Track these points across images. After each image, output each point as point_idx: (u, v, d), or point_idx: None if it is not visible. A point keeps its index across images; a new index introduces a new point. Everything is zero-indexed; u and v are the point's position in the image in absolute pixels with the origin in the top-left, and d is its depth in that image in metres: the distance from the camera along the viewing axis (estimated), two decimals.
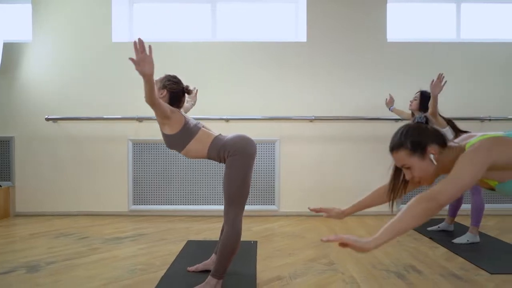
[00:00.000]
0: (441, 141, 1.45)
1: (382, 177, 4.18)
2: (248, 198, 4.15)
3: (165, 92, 2.24)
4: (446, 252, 2.92)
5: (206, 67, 4.25)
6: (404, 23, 4.55)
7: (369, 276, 2.41)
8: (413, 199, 1.29)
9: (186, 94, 2.32)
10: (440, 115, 3.25)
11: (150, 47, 1.86)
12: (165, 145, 2.26)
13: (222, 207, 4.12)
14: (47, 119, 4.11)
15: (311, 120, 4.18)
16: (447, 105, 4.25)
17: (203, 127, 2.26)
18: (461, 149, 1.42)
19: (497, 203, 4.27)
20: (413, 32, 4.54)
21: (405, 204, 3.39)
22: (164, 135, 2.21)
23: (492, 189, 1.49)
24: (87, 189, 4.23)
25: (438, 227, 3.60)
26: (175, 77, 2.29)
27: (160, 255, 2.86)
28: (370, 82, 4.26)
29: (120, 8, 4.40)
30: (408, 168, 1.46)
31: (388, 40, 4.29)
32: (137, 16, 4.56)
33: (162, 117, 2.11)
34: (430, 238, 3.32)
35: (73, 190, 4.23)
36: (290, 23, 4.54)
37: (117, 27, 4.34)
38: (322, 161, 4.23)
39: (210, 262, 2.49)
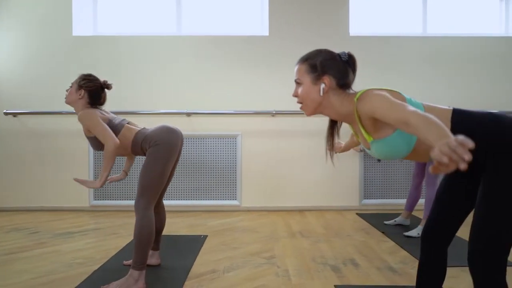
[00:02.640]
0: (341, 82, 1.39)
1: (344, 170, 4.20)
2: (210, 193, 4.16)
3: (82, 92, 2.21)
4: (393, 246, 2.91)
5: (170, 61, 4.22)
6: (369, 18, 4.52)
7: (304, 269, 2.39)
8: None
9: (106, 89, 2.30)
10: None
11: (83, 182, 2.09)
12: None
13: (181, 202, 4.12)
14: (6, 113, 4.08)
15: (272, 115, 4.16)
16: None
17: (128, 123, 2.24)
18: (351, 99, 1.37)
19: None
20: (379, 26, 4.51)
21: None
22: (88, 138, 2.20)
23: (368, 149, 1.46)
24: (49, 184, 4.20)
25: (395, 221, 3.59)
26: (90, 75, 2.26)
27: (105, 249, 2.84)
28: None
29: (83, 1, 4.36)
30: (299, 84, 1.42)
31: (351, 34, 4.26)
32: (101, 9, 4.52)
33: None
34: (382, 232, 3.31)
35: (35, 185, 4.20)
36: (256, 17, 4.51)
37: (79, 21, 4.30)
38: (285, 156, 4.21)
39: None
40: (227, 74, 4.22)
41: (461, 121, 1.29)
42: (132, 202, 4.15)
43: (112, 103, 4.19)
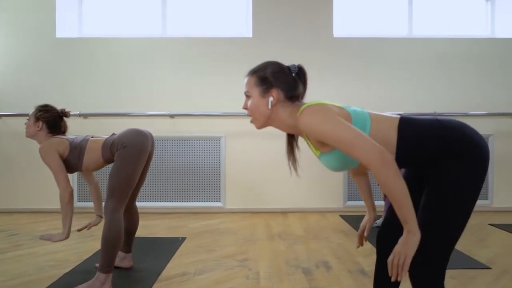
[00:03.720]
0: (290, 94, 1.36)
1: (328, 171, 4.19)
2: (193, 195, 4.16)
3: (40, 123, 2.20)
4: (369, 248, 2.90)
5: (154, 63, 4.22)
6: (354, 20, 4.52)
7: (275, 272, 2.38)
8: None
9: (64, 117, 2.29)
10: None
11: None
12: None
13: (164, 204, 4.12)
14: None
15: None
16: (392, 100, 4.24)
17: (91, 137, 2.23)
18: (295, 112, 1.34)
19: None
20: (364, 28, 4.51)
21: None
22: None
23: None
24: (33, 186, 4.20)
25: (376, 223, 3.58)
26: (45, 105, 2.26)
27: (80, 251, 2.84)
28: (316, 77, 4.23)
29: (67, 3, 4.36)
30: (248, 97, 1.40)
31: (335, 36, 4.26)
32: (87, 11, 4.51)
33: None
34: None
35: (19, 187, 4.20)
36: (240, 18, 4.50)
37: (64, 23, 4.30)
38: (268, 157, 4.20)
39: (117, 259, 2.46)
40: (211, 76, 4.21)
41: (408, 128, 1.27)
42: None
43: (96, 104, 4.19)
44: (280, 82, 1.35)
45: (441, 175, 1.24)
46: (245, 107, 1.40)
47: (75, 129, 4.18)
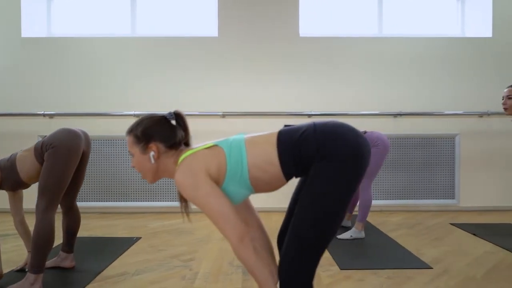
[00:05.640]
0: (169, 143, 1.38)
1: None
2: (158, 195, 4.15)
3: None
4: None
5: (121, 62, 4.21)
6: (323, 19, 4.51)
7: (214, 273, 2.38)
8: None
9: None
10: None
11: None
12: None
13: (125, 204, 4.12)
14: None
15: (222, 116, 4.15)
16: (358, 100, 4.24)
17: (20, 151, 2.22)
18: (177, 161, 1.37)
19: (406, 198, 4.23)
20: (333, 28, 4.50)
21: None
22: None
23: None
24: None
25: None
26: None
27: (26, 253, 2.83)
28: (282, 78, 4.22)
29: (34, 2, 4.35)
30: (132, 155, 1.42)
31: (301, 35, 4.25)
32: (56, 11, 4.51)
33: None
34: None
35: None
36: (207, 18, 4.49)
37: (30, 22, 4.30)
38: None
39: (58, 259, 2.46)
40: (179, 76, 4.21)
41: (285, 141, 1.29)
42: (81, 204, 4.14)
43: (64, 104, 4.19)
44: (157, 135, 1.37)
45: (314, 176, 1.24)
46: (132, 166, 1.43)
47: (41, 129, 4.19)
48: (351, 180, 1.22)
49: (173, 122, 1.42)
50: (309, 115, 4.11)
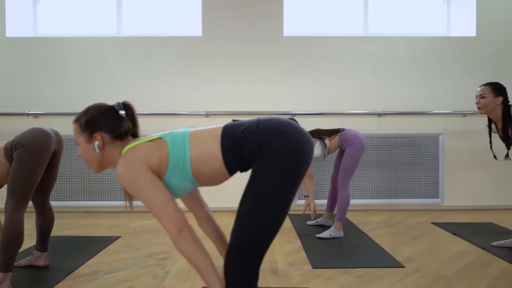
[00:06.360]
0: (115, 134, 1.39)
1: None
2: None
3: None
4: (297, 247, 2.90)
5: (106, 63, 4.22)
6: (308, 19, 4.51)
7: (185, 272, 2.39)
8: None
9: None
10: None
11: None
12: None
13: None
14: None
15: (206, 115, 4.16)
16: (342, 99, 4.25)
17: None
18: (121, 150, 1.38)
19: (390, 198, 4.23)
20: (319, 27, 4.50)
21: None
22: None
23: None
24: None
25: (317, 221, 3.58)
26: None
27: None
28: (266, 77, 4.23)
29: (19, 3, 4.36)
30: (78, 144, 1.43)
31: (285, 35, 4.25)
32: (42, 10, 4.52)
33: None
34: (298, 233, 3.30)
35: None
36: (191, 18, 4.49)
37: (15, 22, 4.31)
38: None
39: (32, 258, 2.47)
40: (161, 75, 4.22)
41: (228, 137, 1.30)
42: (65, 204, 4.15)
43: (49, 104, 4.20)
44: (102, 124, 1.38)
45: (254, 171, 1.26)
46: (79, 155, 1.44)
47: (26, 129, 4.19)
48: (290, 176, 1.23)
49: (122, 112, 1.42)
50: (293, 115, 4.12)
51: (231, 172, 1.33)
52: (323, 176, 4.20)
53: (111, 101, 4.15)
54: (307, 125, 3.46)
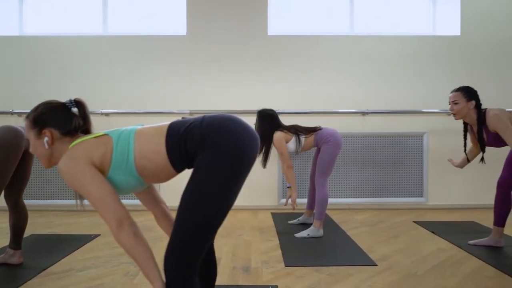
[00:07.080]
0: (64, 130, 1.40)
1: (262, 169, 4.21)
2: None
3: None
4: (274, 246, 2.91)
5: (92, 61, 4.23)
6: (293, 18, 4.51)
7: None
8: None
9: None
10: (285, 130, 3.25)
11: None
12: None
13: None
14: None
15: (190, 114, 4.16)
16: (326, 99, 4.25)
17: None
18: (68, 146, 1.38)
19: (374, 197, 4.24)
20: (304, 26, 4.50)
21: None
22: None
23: None
24: None
25: (298, 220, 3.59)
26: None
27: None
28: (250, 76, 4.24)
29: (6, 1, 4.37)
30: (28, 141, 1.44)
31: (269, 34, 4.26)
32: (28, 9, 4.52)
33: None
34: (278, 232, 3.31)
35: None
36: (175, 16, 4.49)
37: (0, 20, 4.32)
38: None
39: (6, 256, 2.47)
40: (145, 73, 4.22)
41: (173, 135, 1.31)
42: (43, 202, 4.15)
43: (34, 103, 4.19)
44: (51, 120, 1.39)
45: (196, 166, 1.27)
46: (30, 151, 1.45)
47: None
48: (231, 170, 1.24)
49: (74, 109, 1.43)
50: (277, 113, 4.11)
51: (177, 168, 1.34)
52: (304, 175, 4.20)
53: (96, 100, 4.18)
54: (290, 123, 3.46)
